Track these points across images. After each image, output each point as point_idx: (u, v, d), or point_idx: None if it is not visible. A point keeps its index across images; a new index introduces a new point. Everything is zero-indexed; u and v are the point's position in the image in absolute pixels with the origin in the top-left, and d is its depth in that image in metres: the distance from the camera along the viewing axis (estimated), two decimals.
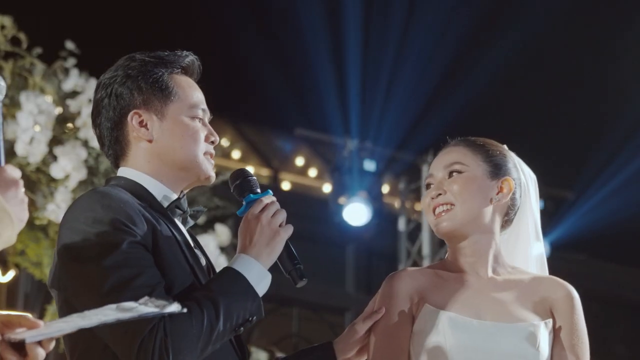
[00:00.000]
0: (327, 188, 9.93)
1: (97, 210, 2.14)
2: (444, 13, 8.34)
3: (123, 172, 2.36)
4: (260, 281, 2.20)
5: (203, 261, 2.35)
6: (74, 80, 5.50)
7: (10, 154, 5.18)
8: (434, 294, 2.46)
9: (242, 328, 2.16)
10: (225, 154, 9.60)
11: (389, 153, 8.50)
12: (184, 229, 2.36)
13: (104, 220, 2.12)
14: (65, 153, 5.25)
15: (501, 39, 8.31)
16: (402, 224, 8.67)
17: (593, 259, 10.91)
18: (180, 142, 2.34)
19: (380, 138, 8.48)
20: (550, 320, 2.45)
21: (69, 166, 5.23)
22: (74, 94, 5.51)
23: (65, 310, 2.17)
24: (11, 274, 5.68)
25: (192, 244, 2.34)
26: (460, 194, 2.49)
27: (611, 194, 9.05)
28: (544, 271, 2.66)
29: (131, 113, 2.34)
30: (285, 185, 10.56)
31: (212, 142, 2.40)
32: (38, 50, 5.51)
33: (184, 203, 2.36)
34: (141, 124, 2.34)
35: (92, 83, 5.47)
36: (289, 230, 2.28)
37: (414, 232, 8.52)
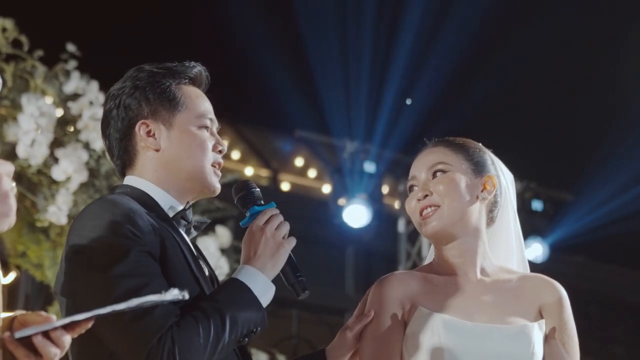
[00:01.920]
0: (326, 189, 9.94)
1: (106, 218, 2.15)
2: (448, 16, 8.36)
3: (129, 180, 2.37)
4: (265, 293, 2.22)
5: (206, 271, 2.37)
6: (75, 82, 5.50)
7: (12, 156, 5.19)
8: (425, 298, 2.45)
9: (246, 339, 2.18)
10: (224, 155, 9.60)
11: (389, 155, 8.52)
12: (187, 240, 2.36)
13: (112, 229, 2.14)
14: (67, 155, 5.26)
15: (501, 43, 8.33)
16: (401, 226, 8.69)
17: (591, 261, 10.92)
18: (187, 151, 2.35)
19: (380, 140, 8.50)
20: (543, 321, 2.45)
21: (70, 168, 5.24)
22: (75, 96, 5.51)
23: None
24: (12, 276, 5.69)
25: (195, 255, 2.35)
26: (446, 194, 2.48)
27: (610, 195, 9.07)
28: (525, 267, 2.66)
29: (139, 123, 2.35)
30: (285, 186, 10.57)
31: (220, 152, 2.42)
32: (39, 52, 5.51)
33: (189, 214, 2.37)
34: (149, 133, 2.35)
35: (93, 85, 5.48)
36: (292, 243, 2.31)
37: (414, 233, 8.53)
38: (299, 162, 10.68)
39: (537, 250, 8.53)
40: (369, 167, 8.27)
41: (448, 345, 2.37)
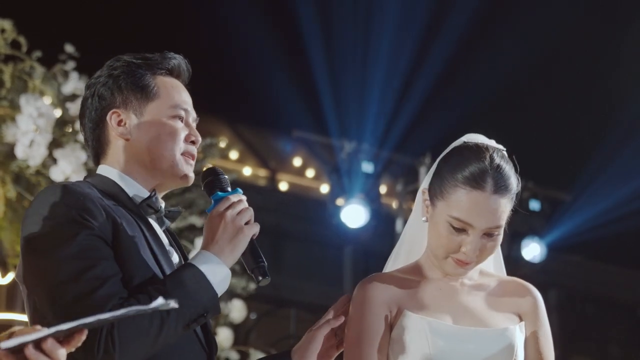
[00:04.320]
0: (324, 189, 9.95)
1: (56, 204, 2.15)
2: (443, 14, 8.37)
3: (101, 169, 2.38)
4: (219, 277, 2.19)
5: (176, 259, 2.36)
6: (73, 83, 5.52)
7: (10, 157, 5.20)
8: (410, 301, 2.45)
9: (195, 323, 2.15)
10: (223, 154, 9.63)
11: (386, 155, 8.54)
12: (158, 228, 2.36)
13: (61, 213, 2.13)
14: (65, 156, 5.27)
15: (499, 41, 8.34)
16: (399, 226, 8.70)
17: (589, 261, 10.93)
18: (156, 141, 2.34)
19: (378, 140, 8.52)
20: (523, 324, 2.48)
21: (69, 169, 5.25)
22: (73, 97, 5.52)
23: (29, 304, 2.18)
24: (11, 276, 5.70)
25: (164, 242, 2.34)
26: (486, 256, 2.45)
27: (607, 195, 9.08)
28: (499, 264, 2.65)
29: (110, 112, 2.35)
30: (283, 186, 10.58)
31: (193, 142, 2.39)
32: (38, 53, 5.53)
33: (156, 202, 2.35)
34: (120, 123, 2.35)
35: None
36: (254, 228, 2.27)
37: None
38: (297, 162, 10.69)
39: (535, 250, 8.54)
40: (367, 167, 8.28)
41: (434, 348, 2.38)
